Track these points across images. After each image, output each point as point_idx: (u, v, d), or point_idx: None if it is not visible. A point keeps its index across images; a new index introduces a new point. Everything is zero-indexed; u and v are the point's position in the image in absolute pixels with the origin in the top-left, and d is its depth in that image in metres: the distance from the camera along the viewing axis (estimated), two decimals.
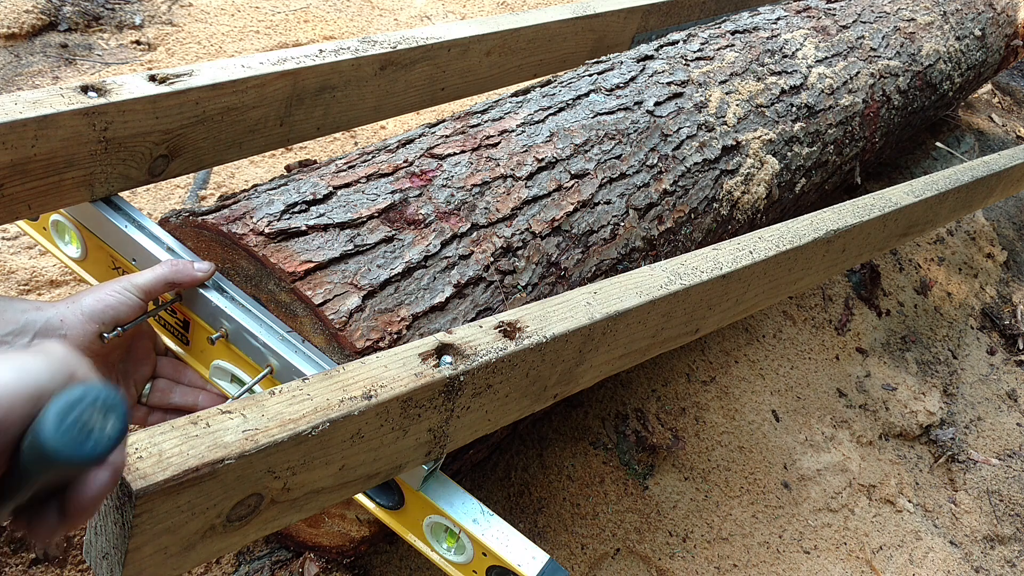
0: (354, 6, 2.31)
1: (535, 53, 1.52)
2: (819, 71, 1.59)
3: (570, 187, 1.10)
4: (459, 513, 0.83)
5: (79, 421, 0.39)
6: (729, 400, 1.61)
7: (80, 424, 0.39)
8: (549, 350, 0.82)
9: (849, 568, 1.46)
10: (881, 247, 1.43)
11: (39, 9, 1.90)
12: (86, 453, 0.39)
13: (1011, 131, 2.89)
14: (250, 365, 0.88)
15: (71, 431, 0.39)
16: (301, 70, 1.13)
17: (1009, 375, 2.06)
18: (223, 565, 1.10)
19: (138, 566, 0.59)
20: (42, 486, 0.43)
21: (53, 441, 0.38)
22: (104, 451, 0.40)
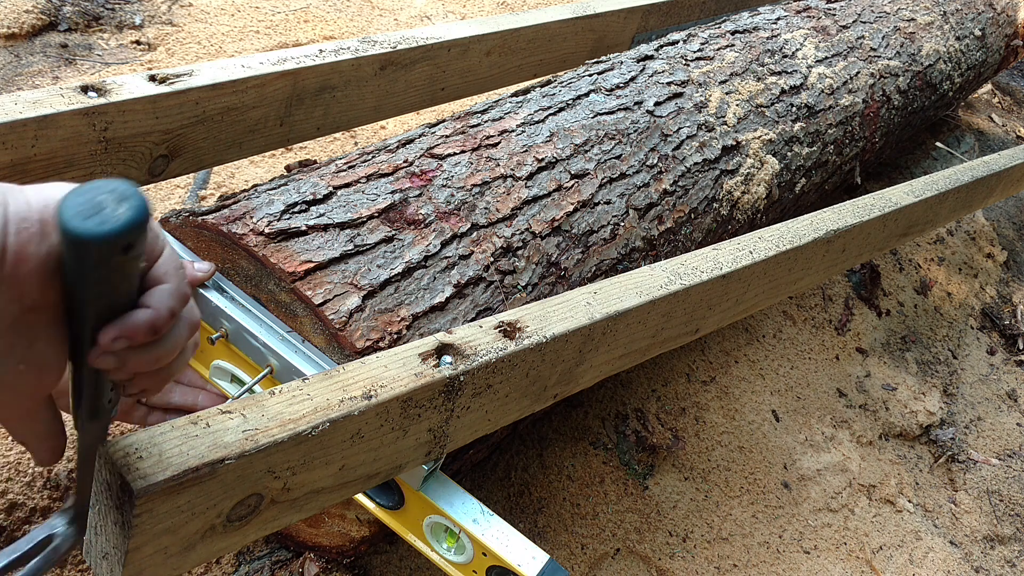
0: (354, 6, 2.31)
1: (535, 53, 1.52)
2: (819, 71, 1.59)
3: (570, 187, 1.10)
4: (459, 513, 0.83)
5: (91, 201, 0.40)
6: (729, 400, 1.61)
7: (91, 204, 0.40)
8: (549, 350, 0.82)
9: (849, 568, 1.46)
10: (881, 247, 1.43)
11: (39, 9, 1.90)
12: (93, 228, 0.40)
13: (1011, 131, 2.89)
14: (250, 365, 0.88)
15: (83, 207, 0.40)
16: (301, 70, 1.13)
17: (1009, 375, 2.06)
18: (223, 565, 1.10)
19: (138, 566, 0.59)
20: (90, 298, 0.44)
21: (67, 216, 0.40)
22: (114, 231, 0.40)
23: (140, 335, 0.48)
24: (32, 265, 0.43)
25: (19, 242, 0.43)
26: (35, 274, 0.44)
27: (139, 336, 0.48)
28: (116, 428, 1.15)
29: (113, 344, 0.47)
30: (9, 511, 1.03)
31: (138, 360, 0.50)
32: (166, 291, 0.49)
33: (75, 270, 0.43)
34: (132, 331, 0.48)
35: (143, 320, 0.48)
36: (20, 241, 0.43)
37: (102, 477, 0.56)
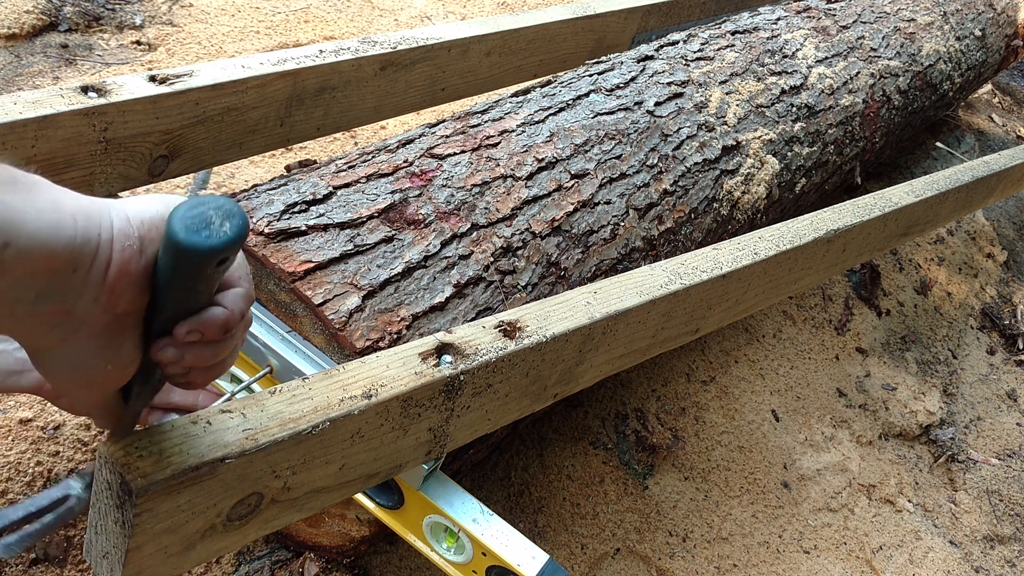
0: (354, 6, 2.31)
1: (535, 53, 1.52)
2: (819, 71, 1.59)
3: (570, 187, 1.10)
4: (459, 513, 0.83)
5: (201, 216, 0.45)
6: (729, 400, 1.61)
7: (200, 218, 0.45)
8: (549, 350, 0.82)
9: (849, 568, 1.46)
10: (881, 247, 1.43)
11: (39, 9, 1.90)
12: (201, 242, 0.44)
13: (1011, 131, 2.89)
14: (250, 365, 0.88)
15: (193, 222, 0.44)
16: (301, 70, 1.13)
17: (1009, 375, 2.06)
18: (223, 565, 1.10)
19: (138, 565, 0.59)
20: (175, 297, 0.49)
21: (178, 230, 0.44)
22: (219, 245, 0.45)
23: (213, 332, 0.52)
24: (131, 277, 0.47)
25: (122, 259, 0.47)
26: (132, 284, 0.48)
27: (212, 333, 0.52)
28: None
29: (187, 337, 0.51)
30: None
31: (198, 355, 0.53)
32: (240, 294, 0.53)
33: (171, 276, 0.47)
34: (207, 327, 0.51)
35: (219, 318, 0.52)
36: (123, 258, 0.47)
37: (102, 476, 0.56)
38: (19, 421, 1.10)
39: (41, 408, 1.12)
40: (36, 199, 0.43)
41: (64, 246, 0.44)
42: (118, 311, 0.49)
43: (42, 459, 1.08)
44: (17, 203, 0.42)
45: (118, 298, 0.48)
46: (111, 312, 0.48)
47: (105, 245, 0.46)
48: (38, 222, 0.43)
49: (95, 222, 0.46)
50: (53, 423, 1.11)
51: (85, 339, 0.49)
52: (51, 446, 1.09)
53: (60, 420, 1.12)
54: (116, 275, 0.47)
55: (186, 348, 0.52)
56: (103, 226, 0.46)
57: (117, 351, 0.51)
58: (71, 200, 0.45)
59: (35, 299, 0.45)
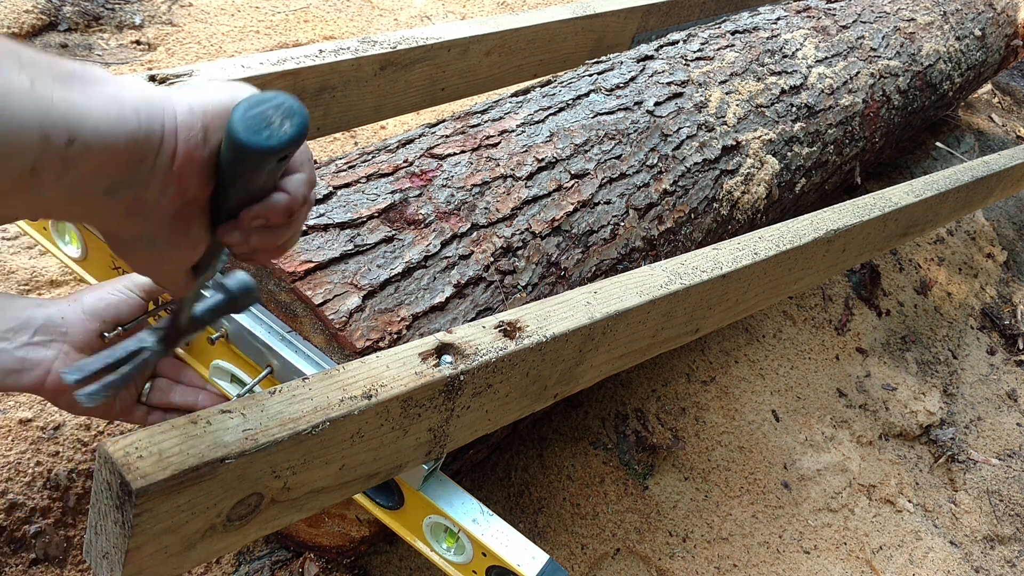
0: (354, 6, 2.31)
1: (535, 53, 1.52)
2: (819, 71, 1.59)
3: (570, 187, 1.10)
4: (459, 513, 0.83)
5: (262, 115, 0.46)
6: (729, 400, 1.61)
7: (261, 118, 0.46)
8: (549, 350, 0.82)
9: (849, 568, 1.46)
10: (881, 247, 1.43)
11: (39, 9, 1.90)
12: (262, 141, 0.45)
13: (1011, 131, 2.89)
14: (250, 365, 0.88)
15: (254, 121, 0.46)
16: (301, 70, 1.13)
17: (1009, 375, 2.06)
18: (223, 565, 1.10)
19: (138, 565, 0.59)
20: (239, 189, 0.50)
21: (239, 128, 0.45)
22: (279, 144, 0.46)
23: (277, 217, 0.53)
24: (196, 166, 0.49)
25: (187, 148, 0.48)
26: (198, 173, 0.49)
27: (276, 218, 0.53)
28: (116, 428, 1.15)
29: (253, 222, 0.53)
30: (9, 511, 1.03)
31: (263, 238, 0.55)
32: (302, 179, 0.54)
33: (235, 170, 0.49)
34: (271, 212, 0.53)
35: (282, 203, 0.53)
36: (188, 147, 0.48)
37: (102, 476, 0.56)
38: (19, 421, 1.10)
39: (41, 408, 1.12)
40: (97, 93, 0.44)
41: (126, 139, 0.45)
42: (186, 198, 0.50)
43: (42, 459, 1.08)
44: (77, 98, 0.42)
45: (185, 186, 0.49)
46: (180, 199, 0.50)
47: (169, 136, 0.47)
48: (99, 117, 0.43)
49: (158, 114, 0.47)
50: (53, 423, 1.11)
51: (157, 224, 0.50)
52: (51, 446, 1.09)
53: (60, 420, 1.12)
54: (182, 164, 0.48)
55: (251, 231, 0.54)
56: (166, 118, 0.47)
57: (187, 235, 0.53)
58: (133, 92, 0.46)
59: (105, 190, 0.46)
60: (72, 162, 0.43)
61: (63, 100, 0.42)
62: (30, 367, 0.80)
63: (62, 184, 0.43)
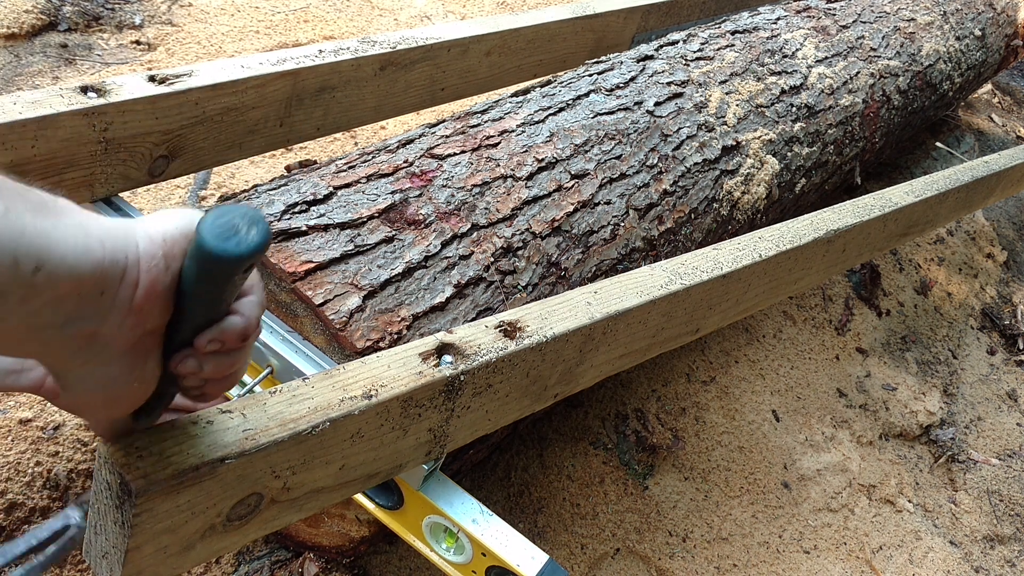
0: (354, 6, 2.31)
1: (535, 53, 1.52)
2: (819, 71, 1.59)
3: (570, 187, 1.10)
4: (458, 513, 0.83)
5: (229, 224, 0.47)
6: (729, 400, 1.61)
7: (229, 227, 0.46)
8: (549, 350, 0.82)
9: (849, 568, 1.46)
10: (881, 247, 1.43)
11: (39, 9, 1.90)
12: (232, 248, 0.46)
13: (1011, 131, 2.89)
14: (250, 365, 0.88)
15: (222, 231, 0.46)
16: (301, 70, 1.13)
17: (1009, 375, 2.06)
18: (223, 565, 1.10)
19: (138, 565, 0.59)
20: (200, 307, 0.50)
21: (208, 239, 0.46)
22: (248, 251, 0.47)
23: (233, 340, 0.53)
24: (158, 295, 0.48)
25: (149, 279, 0.48)
26: (159, 302, 0.49)
27: (232, 341, 0.53)
28: None
29: (208, 346, 0.52)
30: (9, 511, 1.03)
31: (217, 365, 0.54)
32: (254, 302, 0.54)
33: (198, 286, 0.49)
34: (227, 335, 0.52)
35: (238, 326, 0.53)
36: (151, 278, 0.48)
37: (102, 476, 0.56)
38: (19, 421, 1.10)
39: (41, 408, 1.12)
40: (64, 223, 0.44)
41: (92, 269, 0.44)
42: (144, 329, 0.50)
43: (42, 459, 1.08)
44: (47, 227, 0.43)
45: (146, 317, 0.49)
46: (138, 331, 0.49)
47: (132, 267, 0.47)
48: (67, 246, 0.43)
49: (121, 245, 0.46)
50: (53, 423, 1.11)
51: (111, 359, 0.49)
52: (51, 446, 1.09)
53: (60, 420, 1.12)
54: (144, 295, 0.48)
55: (206, 358, 0.53)
56: (129, 248, 0.47)
57: (143, 368, 0.52)
58: (97, 223, 0.46)
59: (63, 323, 0.45)
60: (37, 290, 0.42)
61: (33, 228, 0.42)
62: (29, 367, 0.80)
63: (23, 312, 0.43)
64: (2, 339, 0.44)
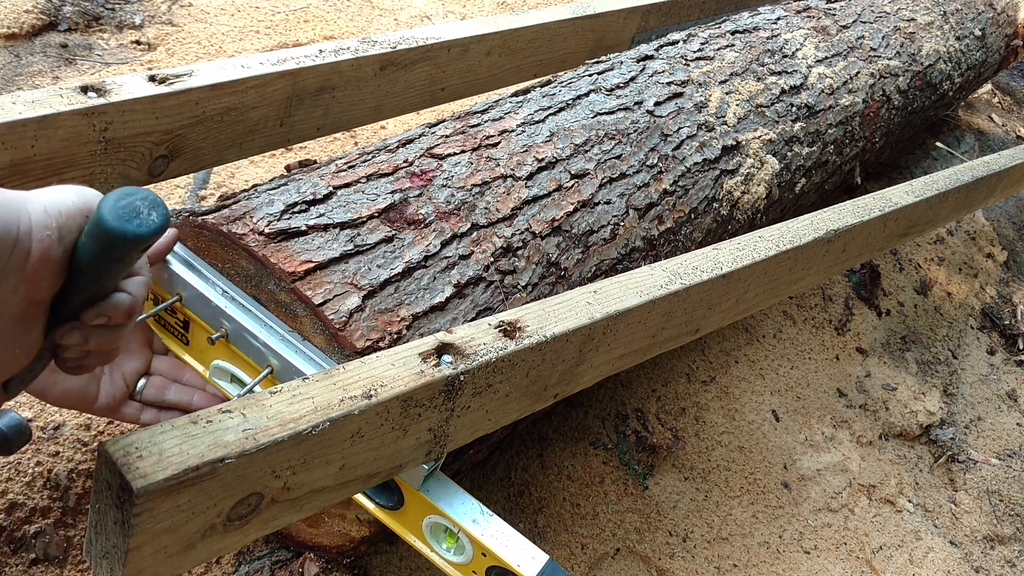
0: (354, 6, 2.31)
1: (535, 53, 1.52)
2: (819, 71, 1.59)
3: (570, 187, 1.10)
4: (459, 513, 0.83)
5: (131, 206, 0.49)
6: (729, 400, 1.61)
7: (131, 208, 0.49)
8: (549, 350, 0.82)
9: (849, 568, 1.46)
10: (881, 247, 1.43)
11: (39, 9, 1.90)
12: (133, 229, 0.48)
13: (1011, 131, 2.89)
14: (250, 365, 0.88)
15: (124, 211, 0.48)
16: (301, 70, 1.13)
17: (1009, 375, 2.06)
18: (223, 565, 1.10)
19: (138, 565, 0.59)
20: (91, 282, 0.52)
21: (110, 218, 0.48)
22: (148, 232, 0.49)
23: (120, 316, 0.55)
24: (50, 265, 0.50)
25: (42, 248, 0.49)
26: (50, 273, 0.50)
27: (118, 317, 0.55)
28: (116, 428, 1.15)
29: (94, 320, 0.54)
30: (9, 511, 1.03)
31: (100, 339, 0.56)
32: (142, 282, 0.57)
33: (94, 262, 0.50)
34: (114, 311, 0.55)
35: (125, 303, 0.55)
36: (43, 247, 0.49)
37: (102, 476, 0.56)
38: None
39: (41, 408, 1.12)
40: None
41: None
42: (35, 298, 0.51)
43: (42, 459, 1.08)
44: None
45: (37, 286, 0.50)
46: (29, 299, 0.51)
47: (24, 235, 0.48)
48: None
49: (14, 214, 0.48)
50: (53, 423, 1.11)
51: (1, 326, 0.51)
52: (51, 446, 1.09)
53: (60, 420, 1.12)
54: (36, 263, 0.49)
55: (91, 332, 0.55)
56: (21, 218, 0.48)
57: (27, 336, 0.53)
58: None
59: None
60: None
61: None
62: None
63: None
64: None
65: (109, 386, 0.88)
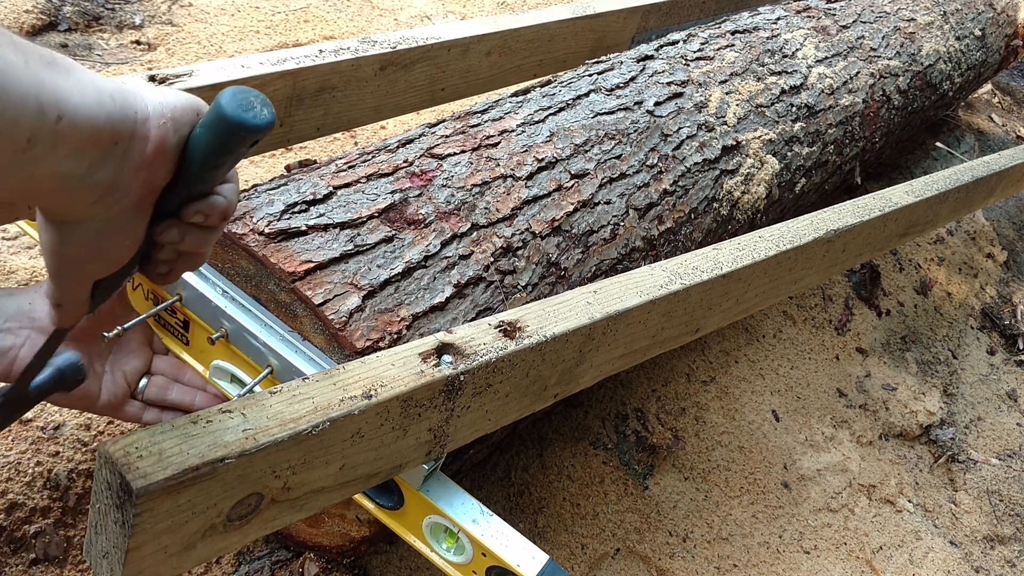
0: (354, 6, 2.31)
1: (535, 53, 1.52)
2: (819, 71, 1.59)
3: (570, 187, 1.10)
4: (459, 513, 0.83)
5: (247, 99, 0.52)
6: (729, 400, 1.61)
7: (247, 101, 0.52)
8: (549, 350, 0.82)
9: (849, 568, 1.46)
10: (881, 247, 1.43)
11: (39, 9, 1.90)
12: (250, 119, 0.51)
13: (1011, 131, 2.89)
14: (250, 365, 0.88)
15: (242, 103, 0.52)
16: (301, 70, 1.13)
17: (1009, 375, 2.06)
18: (223, 565, 1.10)
19: (138, 565, 0.59)
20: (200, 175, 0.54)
21: (229, 108, 0.51)
22: (262, 123, 0.52)
23: (216, 216, 0.57)
24: (166, 154, 0.52)
25: (160, 135, 0.51)
26: (165, 162, 0.53)
27: (215, 217, 0.57)
28: (116, 428, 1.15)
29: (194, 217, 0.56)
30: (9, 511, 1.03)
31: (194, 239, 0.58)
32: (234, 188, 0.59)
33: (208, 152, 0.53)
34: (212, 210, 0.57)
35: (222, 204, 0.57)
36: (160, 134, 0.51)
37: (102, 476, 0.56)
38: (19, 421, 1.10)
39: (41, 408, 1.12)
40: (77, 78, 0.47)
41: (105, 120, 0.48)
42: (152, 186, 0.53)
43: (42, 459, 1.08)
44: (62, 80, 0.46)
45: (155, 172, 0.52)
46: (147, 186, 0.53)
47: (142, 122, 0.50)
48: (81, 98, 0.46)
49: (131, 101, 0.50)
50: (53, 423, 1.11)
51: (118, 212, 0.53)
52: (51, 446, 1.09)
53: (60, 420, 1.12)
54: (154, 150, 0.51)
55: (188, 230, 0.57)
56: (139, 105, 0.50)
57: (137, 226, 0.55)
58: (107, 81, 0.50)
59: (85, 173, 0.48)
60: (61, 137, 0.45)
61: (51, 80, 0.45)
62: None
63: (51, 160, 0.46)
64: (34, 187, 0.47)
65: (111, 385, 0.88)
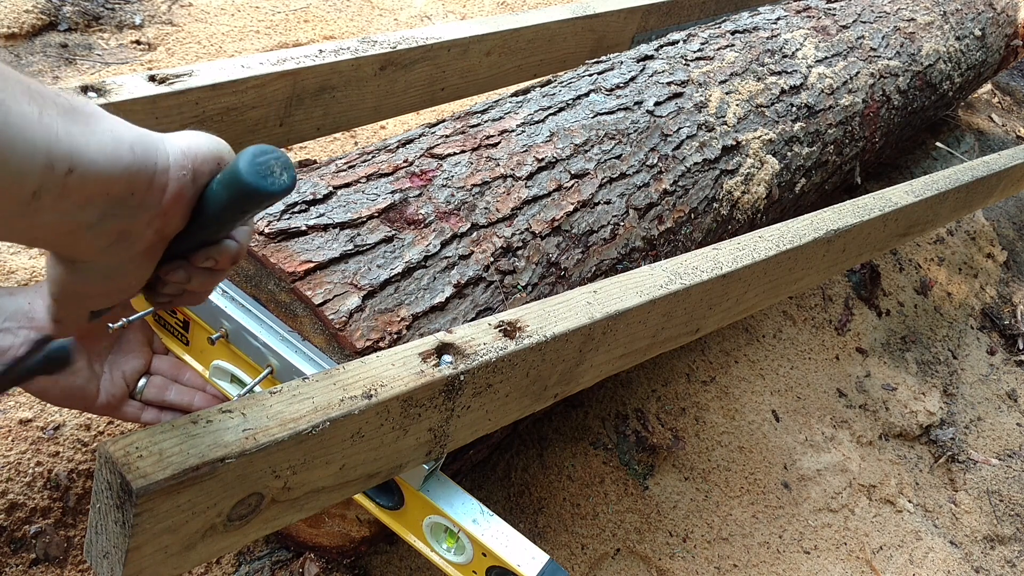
0: (354, 6, 2.31)
1: (535, 53, 1.52)
2: (819, 71, 1.59)
3: (570, 187, 1.10)
4: (459, 513, 0.83)
5: (267, 164, 0.52)
6: (729, 400, 1.61)
7: (267, 166, 0.52)
8: (549, 350, 0.82)
9: (849, 568, 1.46)
10: (881, 247, 1.43)
11: (39, 9, 1.90)
12: (267, 186, 0.52)
13: (1011, 131, 2.89)
14: (250, 365, 0.88)
15: (261, 168, 0.52)
16: (301, 70, 1.13)
17: (1009, 375, 2.06)
18: (223, 565, 1.10)
19: (138, 565, 0.59)
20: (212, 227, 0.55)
21: (247, 173, 0.51)
22: (279, 190, 0.52)
23: (226, 260, 0.58)
24: (183, 203, 0.53)
25: (178, 186, 0.52)
26: (182, 211, 0.54)
27: (224, 261, 0.58)
28: (116, 428, 1.15)
29: (204, 263, 0.58)
30: (9, 511, 1.03)
31: (201, 280, 0.60)
32: (248, 232, 0.60)
33: (223, 209, 0.54)
34: (223, 255, 0.58)
35: (233, 249, 0.58)
36: (179, 185, 0.52)
37: (102, 476, 0.56)
38: (19, 421, 1.10)
39: (41, 408, 1.12)
40: (95, 128, 0.48)
41: (121, 173, 0.48)
42: (164, 233, 0.54)
43: (42, 459, 1.08)
44: (79, 131, 0.46)
45: (170, 220, 0.53)
46: (160, 233, 0.54)
47: (161, 172, 0.51)
48: (98, 150, 0.47)
49: (151, 152, 0.51)
50: (53, 423, 1.11)
51: (129, 256, 0.54)
52: (51, 446, 1.09)
53: (60, 420, 1.12)
54: (171, 200, 0.52)
55: (195, 272, 0.59)
56: (159, 156, 0.51)
57: (147, 268, 0.57)
58: (129, 130, 0.50)
59: (97, 220, 0.49)
60: (69, 190, 0.46)
61: (66, 132, 0.45)
62: None
63: (57, 210, 0.46)
64: (40, 233, 0.48)
65: (109, 385, 0.88)
